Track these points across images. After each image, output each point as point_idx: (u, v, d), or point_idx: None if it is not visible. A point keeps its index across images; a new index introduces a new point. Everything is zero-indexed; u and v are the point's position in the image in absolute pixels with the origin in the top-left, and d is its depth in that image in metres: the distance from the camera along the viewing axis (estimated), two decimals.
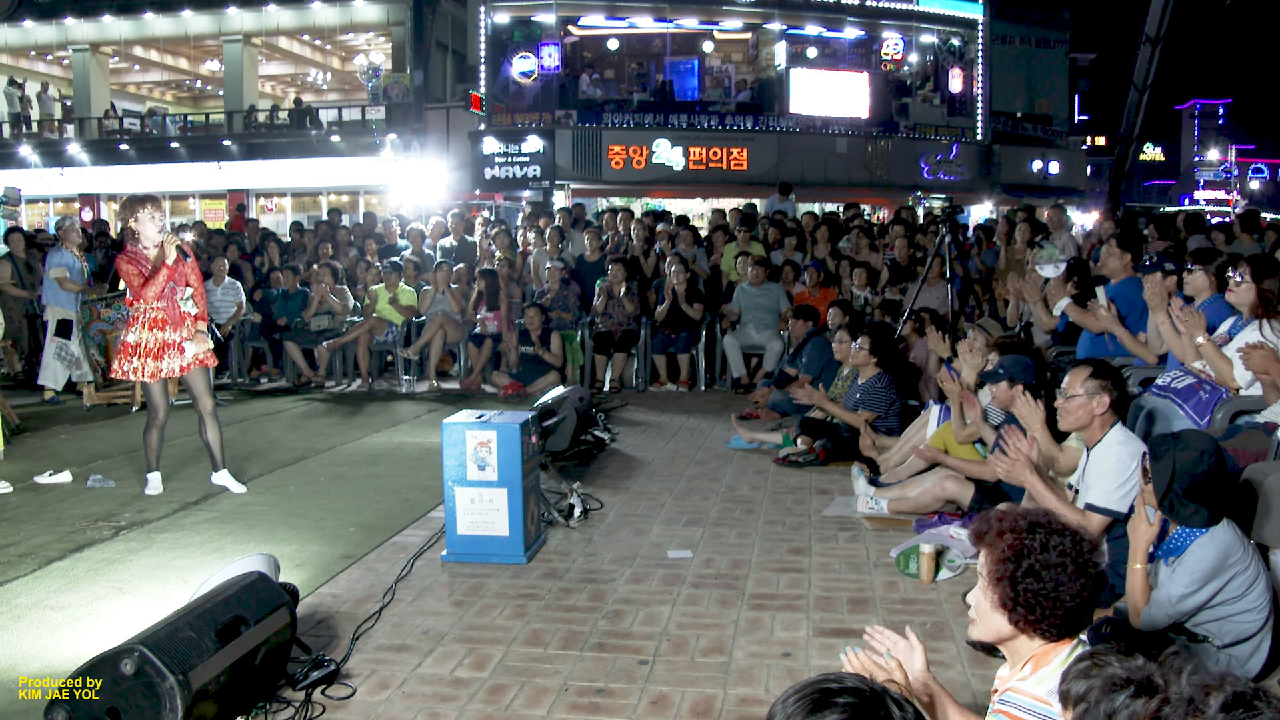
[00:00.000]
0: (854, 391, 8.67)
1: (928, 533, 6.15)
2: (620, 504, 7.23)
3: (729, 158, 28.22)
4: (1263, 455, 5.27)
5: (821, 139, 29.24)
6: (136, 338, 7.21)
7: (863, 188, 29.02)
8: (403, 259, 13.90)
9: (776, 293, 12.33)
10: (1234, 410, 5.92)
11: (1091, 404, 4.95)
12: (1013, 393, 6.27)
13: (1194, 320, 6.11)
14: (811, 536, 6.42)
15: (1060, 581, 2.61)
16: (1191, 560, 3.96)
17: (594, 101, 28.98)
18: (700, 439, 9.47)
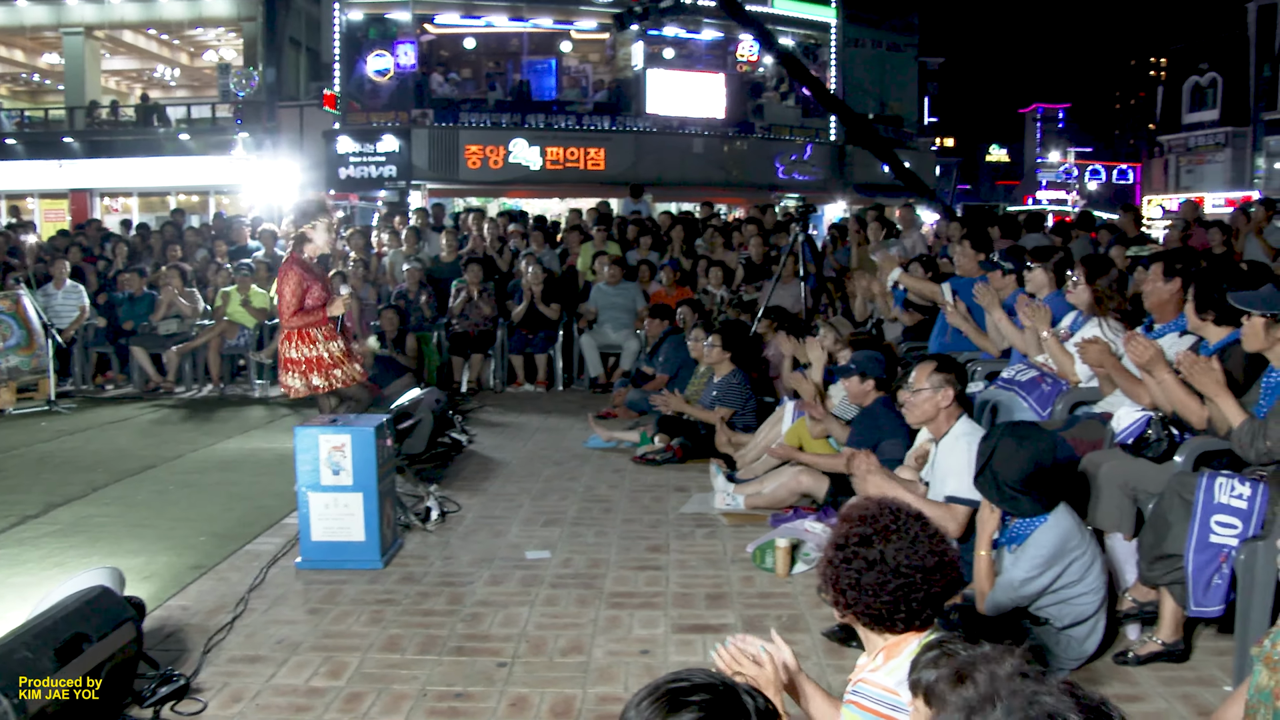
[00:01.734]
0: (710, 389, 8.75)
1: (783, 527, 6.23)
2: (478, 506, 7.16)
3: (586, 158, 28.22)
4: (1099, 444, 5.47)
5: (678, 139, 29.45)
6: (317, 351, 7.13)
7: (719, 187, 29.29)
8: (255, 260, 13.54)
9: (633, 292, 12.38)
10: (1073, 401, 6.15)
11: (937, 397, 5.10)
12: (864, 387, 6.42)
13: (1039, 315, 6.33)
14: (669, 534, 6.45)
15: (883, 574, 2.62)
16: (1033, 546, 4.10)
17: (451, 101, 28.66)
18: (558, 439, 9.45)
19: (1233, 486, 4.33)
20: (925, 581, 2.62)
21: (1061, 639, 4.26)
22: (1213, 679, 4.38)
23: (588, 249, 13.70)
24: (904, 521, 2.68)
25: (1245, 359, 4.78)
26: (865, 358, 6.51)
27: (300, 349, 7.06)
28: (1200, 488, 4.35)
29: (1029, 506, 4.10)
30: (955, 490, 4.89)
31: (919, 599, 2.62)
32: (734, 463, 7.87)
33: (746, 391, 8.60)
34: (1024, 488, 4.06)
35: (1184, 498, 4.41)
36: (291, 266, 7.05)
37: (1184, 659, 4.53)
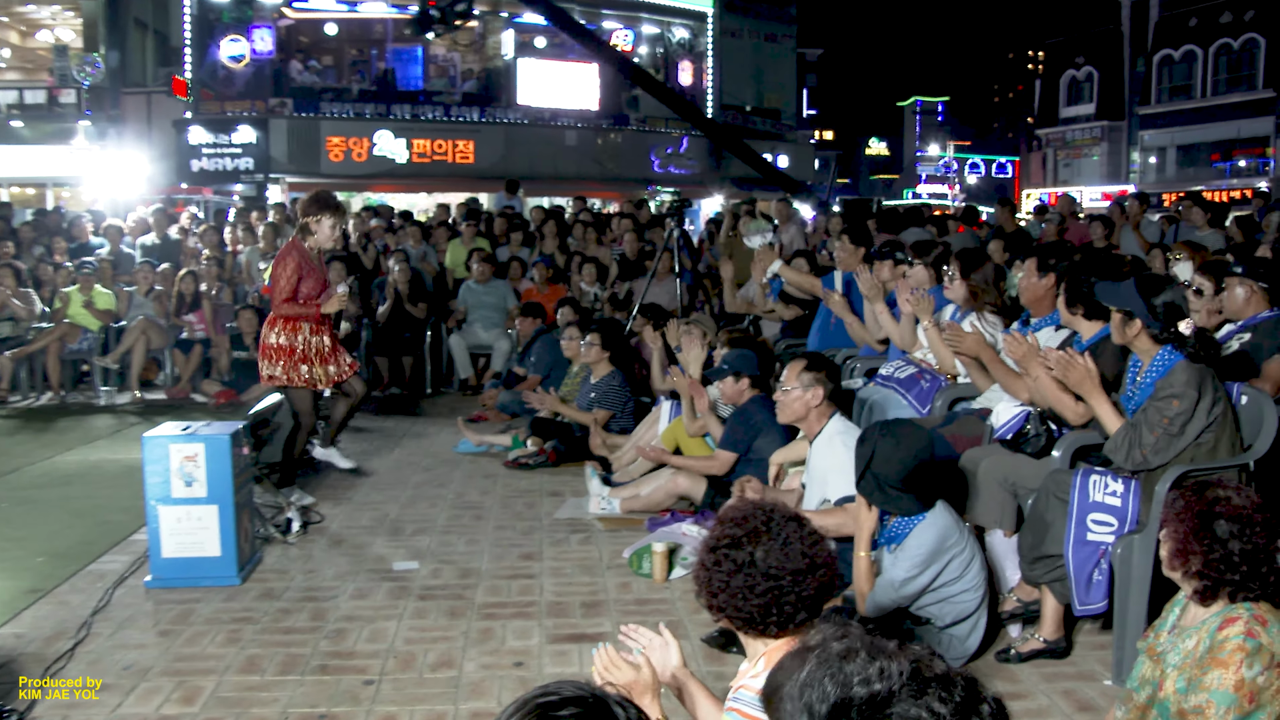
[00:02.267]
0: (587, 390, 8.76)
1: (660, 531, 6.27)
2: (343, 516, 7.05)
3: (454, 150, 27.99)
4: (978, 440, 5.63)
5: (551, 131, 29.42)
6: (296, 341, 7.21)
7: (594, 181, 29.35)
8: (98, 258, 13.11)
9: (503, 290, 12.33)
10: (952, 397, 6.31)
11: (806, 396, 5.19)
12: (739, 386, 6.49)
13: (924, 305, 6.47)
14: (543, 540, 6.44)
15: (751, 577, 2.64)
16: (912, 545, 4.20)
17: (311, 90, 28.12)
18: (427, 444, 9.36)
19: (1106, 484, 4.49)
20: (796, 584, 2.64)
21: (943, 638, 4.37)
22: (1093, 674, 4.54)
23: (456, 246, 13.59)
24: (776, 523, 2.70)
25: (1118, 354, 4.95)
26: (737, 356, 6.59)
27: (284, 336, 7.19)
28: (1075, 487, 4.50)
29: (909, 504, 4.20)
30: (845, 489, 4.93)
31: (791, 602, 2.64)
32: (610, 465, 7.89)
33: (625, 393, 8.63)
34: (905, 486, 4.16)
35: (1059, 497, 4.56)
36: (291, 252, 7.16)
37: (1065, 655, 4.69)
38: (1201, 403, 4.33)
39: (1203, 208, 11.60)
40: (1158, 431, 4.35)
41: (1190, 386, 4.31)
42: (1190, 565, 2.97)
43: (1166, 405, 4.35)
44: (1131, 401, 4.67)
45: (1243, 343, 5.70)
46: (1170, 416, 4.33)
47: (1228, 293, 5.80)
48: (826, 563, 2.71)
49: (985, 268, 6.50)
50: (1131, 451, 4.43)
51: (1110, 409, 4.60)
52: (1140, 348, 4.61)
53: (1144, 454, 4.39)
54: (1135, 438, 4.43)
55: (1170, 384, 4.36)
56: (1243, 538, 2.89)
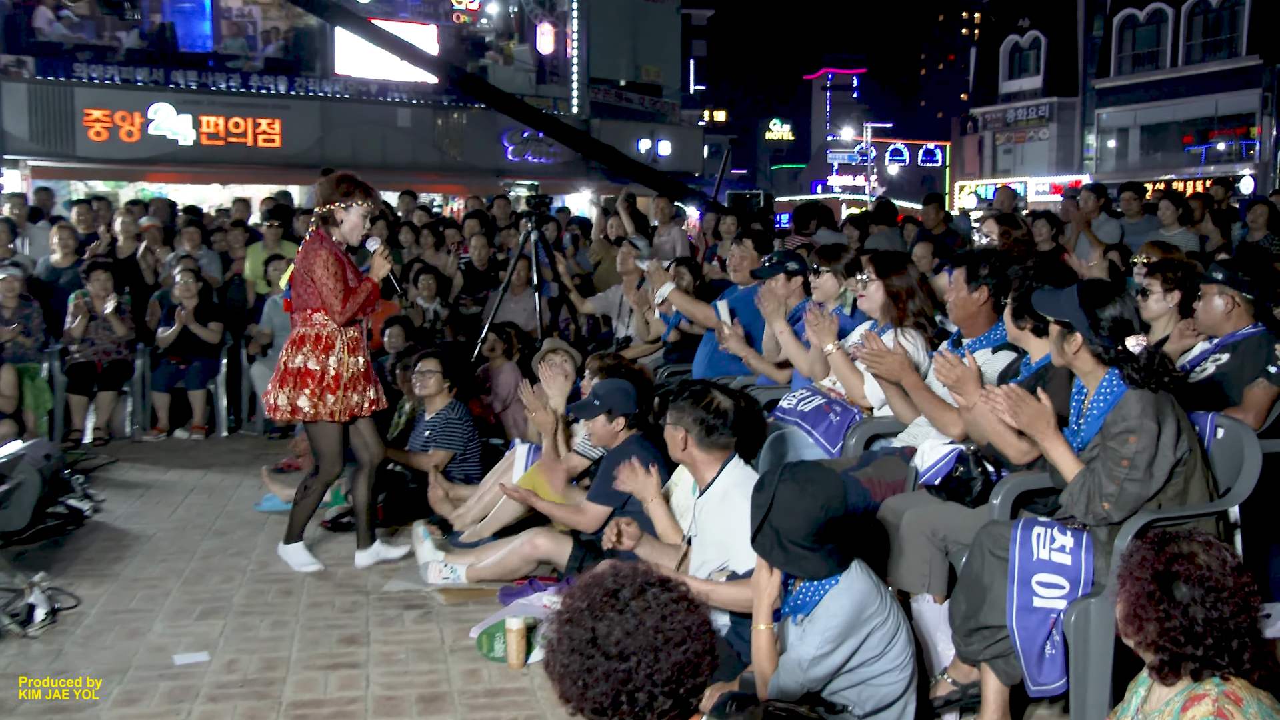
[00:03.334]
0: (421, 428, 8.72)
1: (515, 604, 6.26)
2: (106, 597, 6.90)
3: (256, 131, 27.65)
4: (900, 486, 5.73)
5: (379, 109, 29.24)
6: (328, 364, 7.07)
7: (432, 172, 29.25)
8: None
9: None
10: (869, 434, 6.41)
11: (677, 437, 5.26)
12: (613, 427, 6.53)
13: (824, 326, 6.56)
14: (370, 619, 6.40)
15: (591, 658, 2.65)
16: (823, 616, 4.21)
17: (60, 46, 27.30)
18: (221, 501, 9.23)
19: (1052, 537, 4.57)
20: (651, 669, 2.64)
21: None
22: None
23: (257, 251, 13.42)
24: (628, 591, 2.70)
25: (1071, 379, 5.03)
26: (610, 389, 6.62)
27: (316, 358, 7.07)
28: (1015, 542, 4.57)
29: (817, 566, 4.21)
30: (738, 562, 4.97)
31: (644, 689, 2.64)
32: (450, 525, 7.86)
33: (469, 430, 8.61)
34: (811, 543, 4.17)
35: (997, 554, 4.64)
36: (318, 245, 7.06)
37: None
38: (1164, 436, 4.41)
39: (1173, 201, 11.96)
40: (1118, 479, 4.42)
41: (1147, 417, 4.39)
42: (1146, 634, 3.03)
43: (1122, 444, 4.42)
44: (1077, 437, 4.76)
45: (1219, 365, 5.86)
46: (1129, 457, 4.40)
47: (1203, 304, 5.96)
48: (698, 640, 2.70)
49: (908, 271, 6.61)
50: (1091, 505, 4.49)
51: (1067, 453, 4.67)
52: (1081, 368, 4.72)
53: (1106, 507, 4.46)
54: (1094, 487, 4.49)
55: (1122, 416, 4.44)
56: (1207, 603, 2.95)
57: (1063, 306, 4.66)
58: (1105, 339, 4.56)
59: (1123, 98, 48.58)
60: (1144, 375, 4.44)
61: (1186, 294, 6.45)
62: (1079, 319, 4.60)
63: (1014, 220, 7.49)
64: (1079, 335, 4.61)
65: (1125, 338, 4.53)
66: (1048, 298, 4.79)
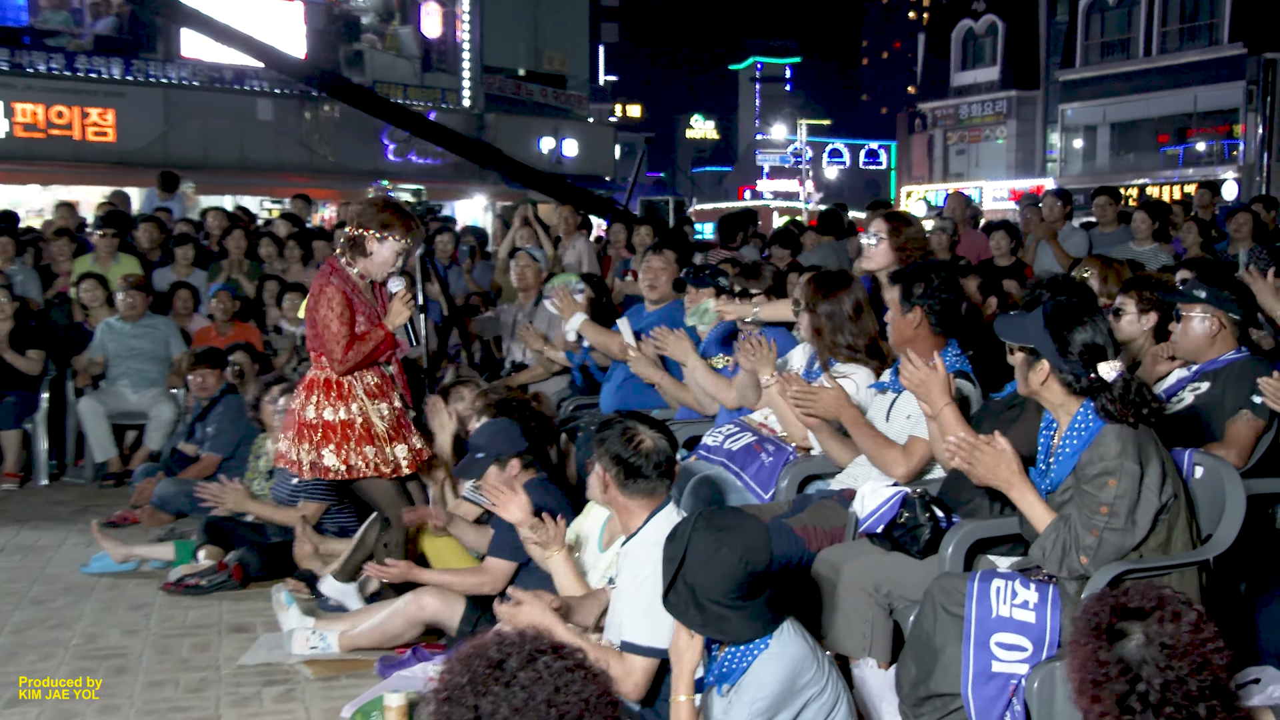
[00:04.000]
0: (287, 475, 8.64)
1: (396, 676, 6.22)
2: None
3: (84, 122, 27.36)
4: (839, 534, 5.76)
5: (235, 99, 29.09)
6: (354, 413, 6.97)
7: (301, 174, 29.10)
8: None
9: (164, 331, 12.10)
10: (802, 475, 6.46)
11: (598, 478, 5.23)
12: (508, 474, 6.51)
13: (762, 353, 6.58)
14: (221, 700, 6.33)
15: None
16: (752, 685, 4.23)
17: None
18: (39, 563, 9.05)
19: (1014, 591, 4.60)
20: None
21: None
22: None
23: (87, 264, 13.25)
24: (515, 662, 2.70)
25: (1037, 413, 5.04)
26: (488, 436, 6.62)
27: (331, 406, 6.97)
28: (972, 597, 4.60)
29: (742, 628, 4.20)
30: (633, 635, 4.88)
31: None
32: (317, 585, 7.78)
33: None
34: (733, 602, 4.16)
35: (951, 612, 4.66)
36: (329, 280, 6.95)
37: None
38: (1147, 478, 4.44)
39: (1150, 213, 12.08)
40: (1097, 528, 4.44)
41: (1127, 457, 4.42)
42: (1101, 704, 3.04)
43: (1100, 488, 4.45)
44: (1046, 478, 4.79)
45: (1198, 395, 5.93)
46: (1108, 503, 4.43)
47: (1182, 326, 6.01)
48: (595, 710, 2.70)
49: (840, 297, 6.62)
50: (1067, 559, 4.51)
51: (1036, 500, 4.70)
52: (1050, 400, 4.75)
53: (1084, 561, 4.47)
54: (1070, 539, 4.51)
55: (1099, 456, 4.47)
56: (1163, 667, 2.96)
57: (1027, 330, 4.69)
58: (1076, 366, 4.58)
59: (1090, 91, 49.03)
60: (1121, 407, 4.48)
61: (1163, 315, 6.51)
62: (1045, 344, 4.62)
63: (907, 218, 7.51)
64: (1046, 363, 4.64)
65: (1099, 364, 4.56)
66: (1011, 322, 4.85)
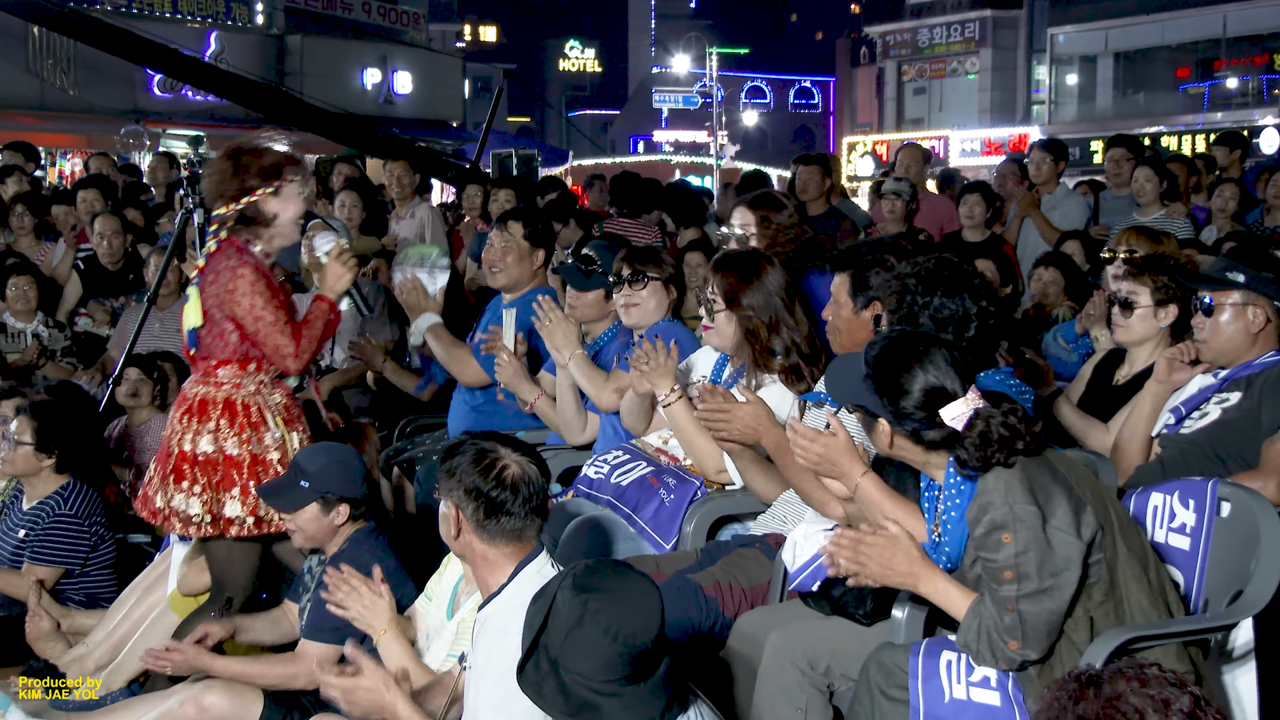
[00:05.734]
0: (12, 524, 8.59)
1: None
2: None
3: None
4: (762, 593, 5.81)
5: None
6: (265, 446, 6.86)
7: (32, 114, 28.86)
8: None
9: None
10: (716, 515, 6.53)
11: (449, 518, 5.19)
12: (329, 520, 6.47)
13: (659, 364, 6.49)
14: None
15: None
16: None
17: None
18: None
19: (969, 666, 4.65)
20: None
21: None
22: None
23: None
24: None
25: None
26: (320, 464, 6.49)
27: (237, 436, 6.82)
28: (916, 677, 4.67)
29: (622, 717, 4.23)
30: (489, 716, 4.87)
31: None
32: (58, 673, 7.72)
33: (92, 528, 8.47)
34: (609, 688, 4.12)
35: (891, 696, 4.74)
36: (241, 261, 6.79)
37: None
38: (1052, 519, 4.47)
39: (1155, 169, 12.04)
40: (1010, 602, 4.48)
41: (1016, 500, 4.47)
42: None
43: (995, 548, 4.49)
44: (941, 553, 4.88)
45: (1227, 408, 5.99)
46: (1011, 567, 4.46)
47: (1212, 320, 6.06)
48: None
49: (765, 283, 6.63)
50: (995, 649, 4.56)
51: (948, 585, 4.75)
52: (913, 459, 4.86)
53: (1014, 647, 4.52)
54: (992, 625, 4.55)
55: (982, 509, 4.53)
56: None
57: (854, 386, 4.77)
58: (917, 420, 4.64)
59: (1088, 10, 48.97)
60: (980, 452, 4.52)
61: (1184, 307, 6.53)
62: (874, 402, 4.69)
63: (776, 201, 7.46)
64: (883, 421, 4.73)
65: (941, 411, 4.59)
66: (838, 377, 4.95)
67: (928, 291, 5.35)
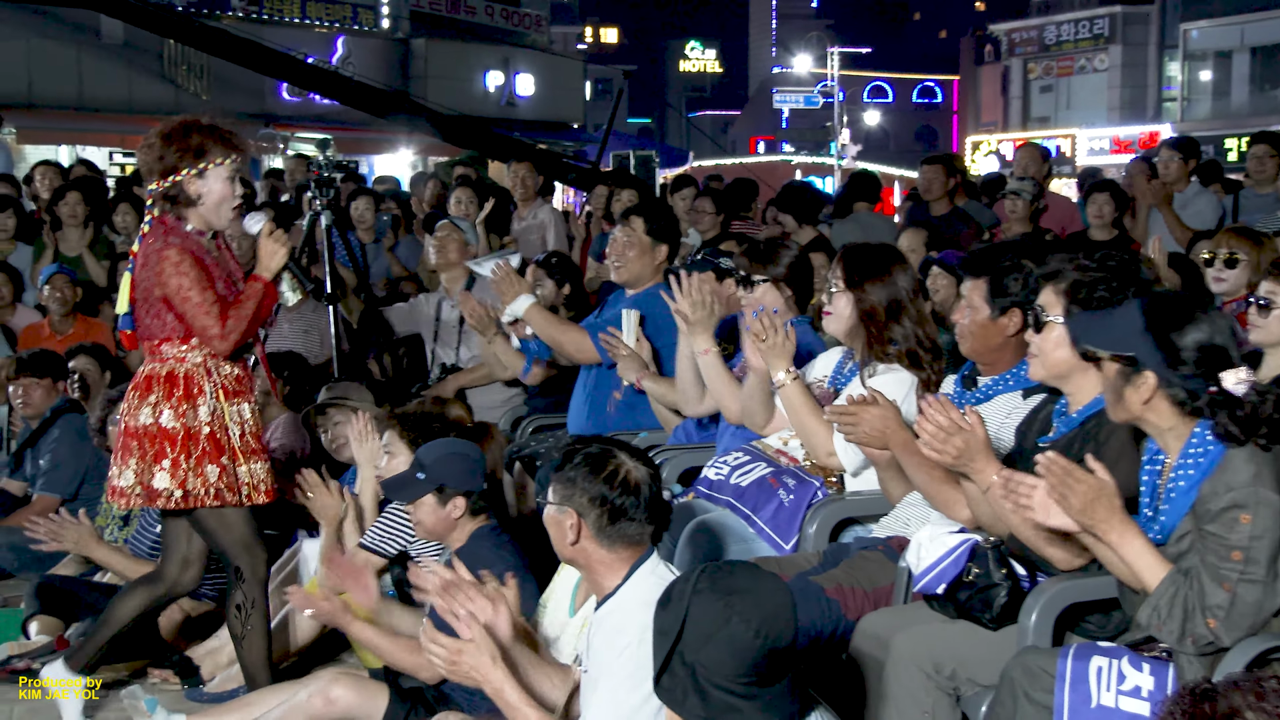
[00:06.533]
0: (152, 518, 8.64)
1: None
2: None
3: None
4: (885, 595, 5.76)
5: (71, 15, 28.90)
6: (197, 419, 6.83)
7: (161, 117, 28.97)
8: None
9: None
10: (837, 517, 6.48)
11: (564, 524, 5.16)
12: (446, 512, 6.47)
13: (776, 343, 6.42)
14: None
15: None
16: None
17: None
18: None
19: (1120, 674, 4.55)
20: None
21: None
22: None
23: None
24: None
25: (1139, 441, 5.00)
26: (440, 456, 6.53)
27: (172, 409, 6.82)
28: (1064, 680, 4.59)
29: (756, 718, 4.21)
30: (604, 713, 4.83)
31: None
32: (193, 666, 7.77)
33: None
34: (747, 688, 4.07)
35: (1035, 699, 4.67)
36: (167, 241, 6.78)
37: None
38: None
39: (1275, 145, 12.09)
40: (1229, 581, 4.36)
41: (1263, 484, 4.35)
42: None
43: (1229, 527, 4.37)
44: (1154, 525, 4.76)
45: None
46: (1242, 547, 4.35)
47: None
48: None
49: (894, 277, 6.57)
50: (1190, 624, 4.43)
51: (1145, 548, 4.61)
52: (1157, 423, 4.68)
53: (1212, 625, 4.39)
54: (1193, 598, 4.43)
55: (1226, 485, 4.39)
56: None
57: (1120, 333, 4.61)
58: (1190, 377, 4.49)
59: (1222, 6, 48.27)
60: (1248, 426, 4.38)
61: None
62: (1148, 350, 4.53)
63: None
64: (1151, 375, 4.54)
65: (1221, 373, 4.45)
66: (1094, 322, 4.81)
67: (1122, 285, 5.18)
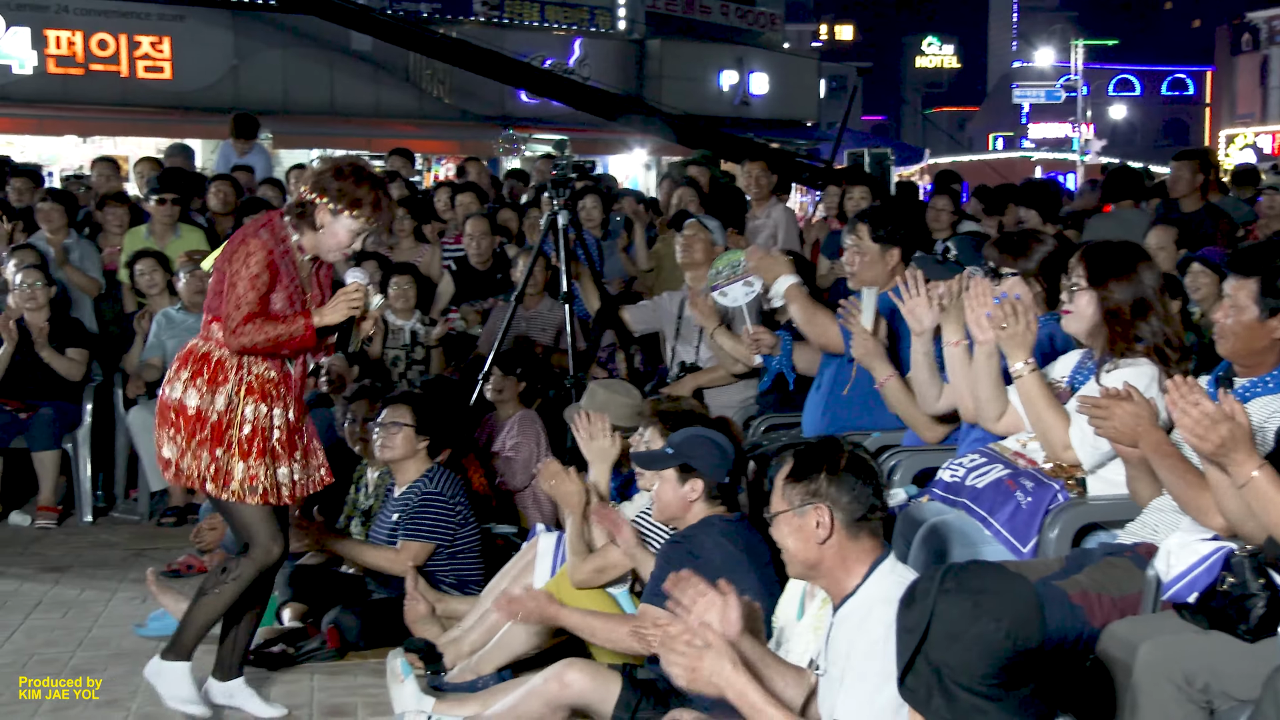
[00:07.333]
0: (388, 509, 8.71)
1: None
2: None
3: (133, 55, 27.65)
4: (1133, 603, 5.67)
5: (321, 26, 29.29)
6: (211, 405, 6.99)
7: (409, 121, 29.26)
8: None
9: None
10: (1080, 522, 6.37)
11: (806, 525, 5.08)
12: (683, 491, 6.46)
13: (1018, 332, 6.36)
14: None
15: None
16: None
17: None
18: (84, 621, 9.19)
19: None
20: None
21: None
22: None
23: (139, 239, 13.40)
24: None
25: None
26: (692, 439, 6.54)
27: (197, 390, 6.99)
28: None
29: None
30: (848, 713, 4.82)
31: None
32: (436, 653, 7.81)
33: (459, 511, 8.57)
34: (994, 690, 4.06)
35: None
36: (257, 233, 6.98)
37: None
38: None
39: None
40: None
41: None
42: None
43: None
44: None
45: None
46: None
47: None
48: None
49: (1140, 276, 6.47)
50: None
51: None
52: None
53: None
54: None
55: None
56: None
57: None
58: None
59: None
60: None
61: None
62: None
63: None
64: None
65: None
66: None
67: None
